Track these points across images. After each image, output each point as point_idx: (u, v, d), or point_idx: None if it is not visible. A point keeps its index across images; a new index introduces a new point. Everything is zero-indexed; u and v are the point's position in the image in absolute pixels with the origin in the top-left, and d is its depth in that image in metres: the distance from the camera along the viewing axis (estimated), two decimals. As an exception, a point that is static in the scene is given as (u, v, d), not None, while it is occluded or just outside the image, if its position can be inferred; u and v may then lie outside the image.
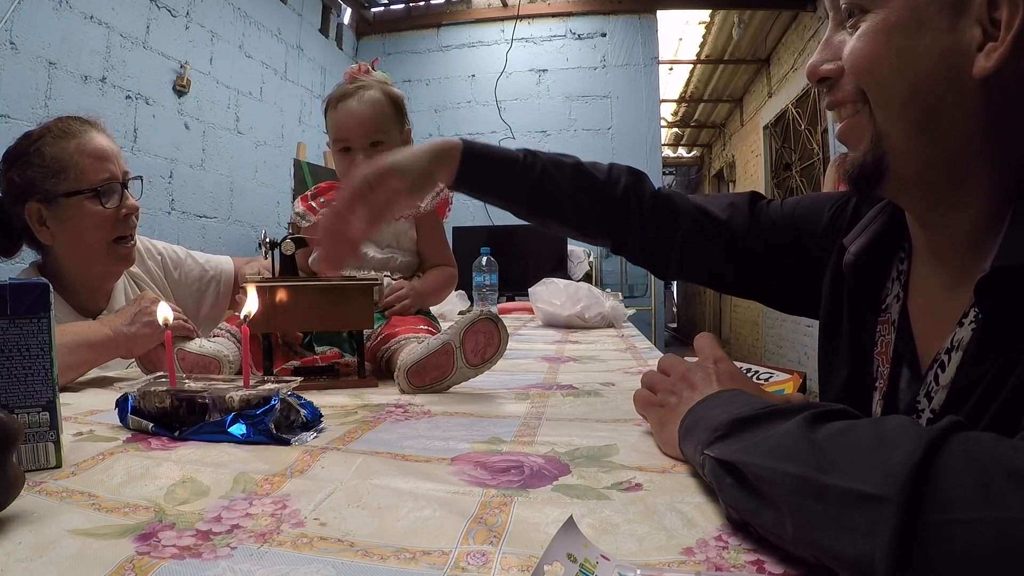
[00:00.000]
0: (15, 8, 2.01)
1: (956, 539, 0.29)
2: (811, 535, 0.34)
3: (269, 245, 0.96)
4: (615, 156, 4.29)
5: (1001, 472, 0.30)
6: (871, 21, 0.54)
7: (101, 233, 1.14)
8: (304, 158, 3.76)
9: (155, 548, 0.37)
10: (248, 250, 3.24)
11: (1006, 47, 0.49)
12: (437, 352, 0.85)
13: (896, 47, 0.53)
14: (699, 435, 0.47)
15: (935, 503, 0.30)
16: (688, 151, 8.86)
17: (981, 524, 0.29)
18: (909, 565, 0.30)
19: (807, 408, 0.41)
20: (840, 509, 0.33)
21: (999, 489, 0.29)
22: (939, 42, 0.51)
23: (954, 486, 0.30)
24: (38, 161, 1.10)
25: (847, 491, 0.33)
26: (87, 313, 1.19)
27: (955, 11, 0.50)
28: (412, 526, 0.41)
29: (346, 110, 1.14)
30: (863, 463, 0.33)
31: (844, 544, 0.32)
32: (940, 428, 0.33)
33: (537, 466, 0.53)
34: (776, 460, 0.37)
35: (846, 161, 0.59)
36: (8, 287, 0.50)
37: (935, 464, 0.31)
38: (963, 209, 0.54)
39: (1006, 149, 0.52)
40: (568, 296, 1.99)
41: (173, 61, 2.80)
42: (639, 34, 4.39)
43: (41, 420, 0.51)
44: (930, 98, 0.52)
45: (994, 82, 0.50)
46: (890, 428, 0.35)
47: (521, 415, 0.73)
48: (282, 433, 0.61)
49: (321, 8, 4.18)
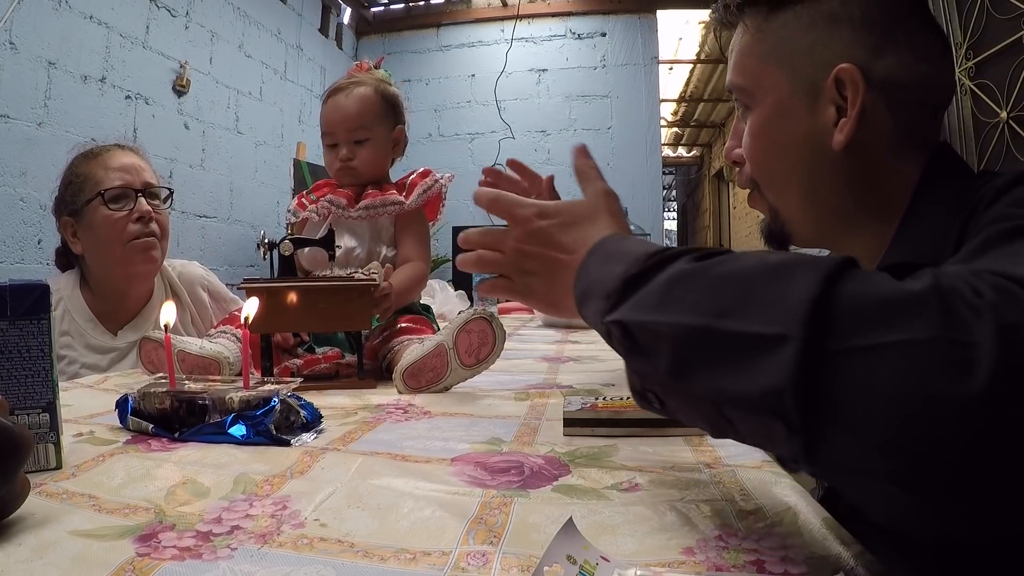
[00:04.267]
0: (15, 8, 2.01)
1: (862, 364, 0.29)
2: (713, 383, 0.34)
3: (268, 245, 0.96)
4: (615, 156, 4.31)
5: (899, 298, 0.30)
6: (752, 119, 0.66)
7: (113, 236, 1.20)
8: (304, 158, 3.76)
9: (155, 549, 0.37)
10: (248, 250, 3.24)
11: (852, 122, 0.59)
12: (431, 354, 0.85)
13: (771, 138, 0.64)
14: (595, 303, 0.45)
15: (838, 332, 0.30)
16: (688, 151, 8.86)
17: (885, 348, 0.29)
18: (818, 396, 0.30)
19: (690, 251, 0.40)
20: (744, 352, 0.33)
21: (898, 314, 0.29)
22: (803, 126, 0.62)
23: (854, 313, 0.30)
24: (70, 179, 1.23)
25: (750, 335, 0.32)
26: (115, 320, 1.27)
27: (811, 96, 0.61)
28: (412, 527, 0.41)
29: (334, 104, 1.14)
30: (760, 301, 0.33)
31: (750, 384, 0.32)
32: (834, 260, 0.33)
33: (537, 466, 0.53)
34: (668, 313, 0.37)
35: (762, 225, 0.71)
36: (8, 288, 0.50)
37: (834, 295, 0.31)
38: (861, 247, 0.63)
39: (880, 197, 0.61)
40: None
41: (173, 61, 2.80)
42: (639, 34, 4.38)
43: (41, 421, 0.51)
44: (805, 174, 0.63)
45: (852, 150, 0.60)
46: (781, 260, 0.35)
47: (521, 415, 0.73)
48: (282, 434, 0.61)
49: (321, 8, 4.18)
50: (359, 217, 1.11)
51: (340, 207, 1.11)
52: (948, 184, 0.59)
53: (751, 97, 0.65)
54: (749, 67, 0.65)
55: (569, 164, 0.62)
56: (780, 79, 0.63)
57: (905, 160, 0.61)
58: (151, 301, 1.29)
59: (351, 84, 1.14)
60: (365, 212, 1.11)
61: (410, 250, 1.15)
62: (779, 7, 0.63)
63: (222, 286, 1.45)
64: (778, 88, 0.63)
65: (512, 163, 0.85)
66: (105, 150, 1.25)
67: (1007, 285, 0.30)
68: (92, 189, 1.19)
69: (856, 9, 0.60)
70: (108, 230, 1.19)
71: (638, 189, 4.31)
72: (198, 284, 1.39)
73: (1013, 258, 0.38)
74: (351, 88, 1.13)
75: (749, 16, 0.65)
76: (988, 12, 1.62)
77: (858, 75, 0.58)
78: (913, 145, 0.61)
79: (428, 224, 1.19)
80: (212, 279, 1.43)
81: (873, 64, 0.59)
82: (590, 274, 0.49)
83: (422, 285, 1.16)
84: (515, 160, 0.85)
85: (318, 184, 1.21)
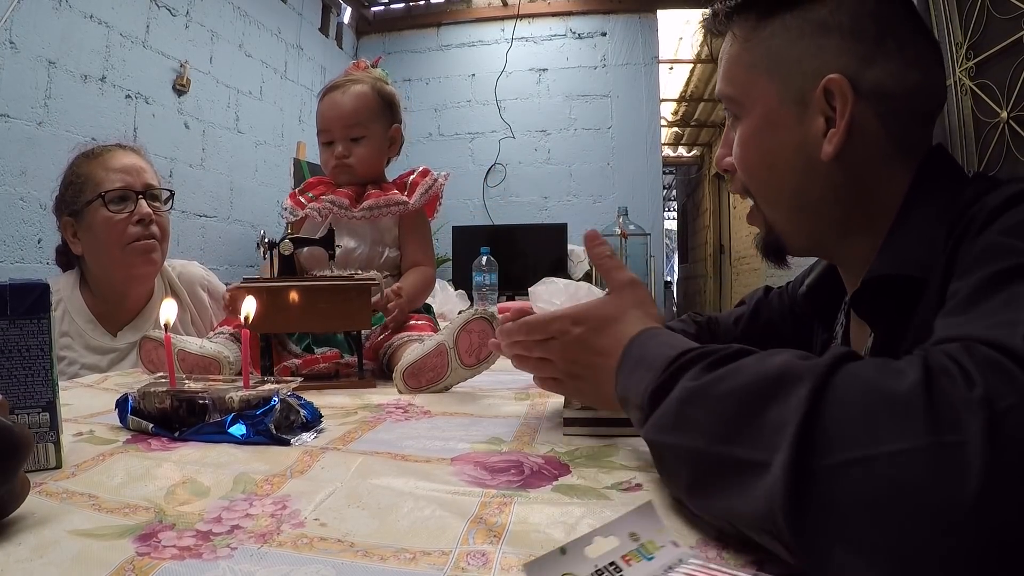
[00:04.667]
0: (15, 7, 2.01)
1: (851, 478, 0.29)
2: (723, 503, 0.36)
3: (268, 245, 0.96)
4: (615, 155, 4.31)
5: (885, 404, 0.30)
6: (741, 128, 0.66)
7: (113, 237, 1.19)
8: (304, 157, 3.75)
9: (155, 549, 0.37)
10: (248, 250, 3.24)
11: (841, 133, 0.59)
12: (431, 353, 0.85)
13: (760, 149, 0.64)
14: (634, 413, 0.47)
15: (825, 448, 0.31)
16: (688, 150, 8.85)
17: (874, 460, 0.29)
18: (809, 511, 0.30)
19: (705, 356, 0.42)
20: (743, 476, 0.34)
21: (886, 422, 0.30)
22: (792, 137, 0.62)
23: (842, 428, 0.31)
24: (71, 179, 1.22)
25: (742, 461, 0.34)
26: (114, 321, 1.26)
27: (800, 107, 0.61)
28: (412, 526, 0.41)
29: (330, 101, 1.13)
30: (754, 424, 0.34)
31: (750, 507, 0.33)
32: (824, 366, 0.34)
33: (537, 466, 0.53)
34: (684, 435, 0.39)
35: (757, 239, 0.72)
36: (8, 288, 0.50)
37: (821, 410, 0.32)
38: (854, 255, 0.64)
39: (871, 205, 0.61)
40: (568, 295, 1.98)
41: (173, 60, 2.79)
42: (639, 33, 4.38)
43: (41, 421, 0.51)
44: (795, 184, 0.63)
45: (841, 160, 0.60)
46: (774, 370, 0.35)
47: (521, 415, 0.73)
48: (282, 433, 0.61)
49: (321, 7, 4.17)
50: (362, 218, 1.11)
51: (342, 207, 1.10)
52: (936, 190, 0.59)
53: (740, 107, 0.65)
54: (738, 76, 0.65)
55: (569, 164, 0.63)
56: (769, 89, 0.62)
57: (896, 167, 0.61)
58: (151, 302, 1.29)
59: (348, 82, 1.13)
60: (368, 213, 1.10)
61: (416, 254, 1.15)
62: (768, 16, 0.62)
63: (222, 287, 1.45)
64: (767, 98, 0.63)
65: None
66: (107, 150, 1.24)
67: (999, 361, 0.31)
68: (93, 190, 1.19)
69: (846, 18, 0.59)
70: (108, 232, 1.19)
71: (638, 189, 4.31)
72: (198, 284, 1.39)
73: (1007, 311, 0.37)
74: (348, 86, 1.13)
75: (738, 25, 0.65)
76: (988, 12, 1.62)
77: (847, 86, 0.58)
78: (904, 152, 0.61)
79: (430, 223, 1.19)
80: (212, 279, 1.43)
81: (863, 74, 0.58)
82: (624, 383, 0.50)
83: (430, 289, 1.16)
84: None
85: (310, 182, 1.20)
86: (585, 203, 4.32)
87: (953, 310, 0.42)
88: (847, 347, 0.37)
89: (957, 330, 0.37)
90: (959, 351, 0.32)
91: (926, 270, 0.54)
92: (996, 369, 0.30)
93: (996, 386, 0.29)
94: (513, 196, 4.41)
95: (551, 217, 4.27)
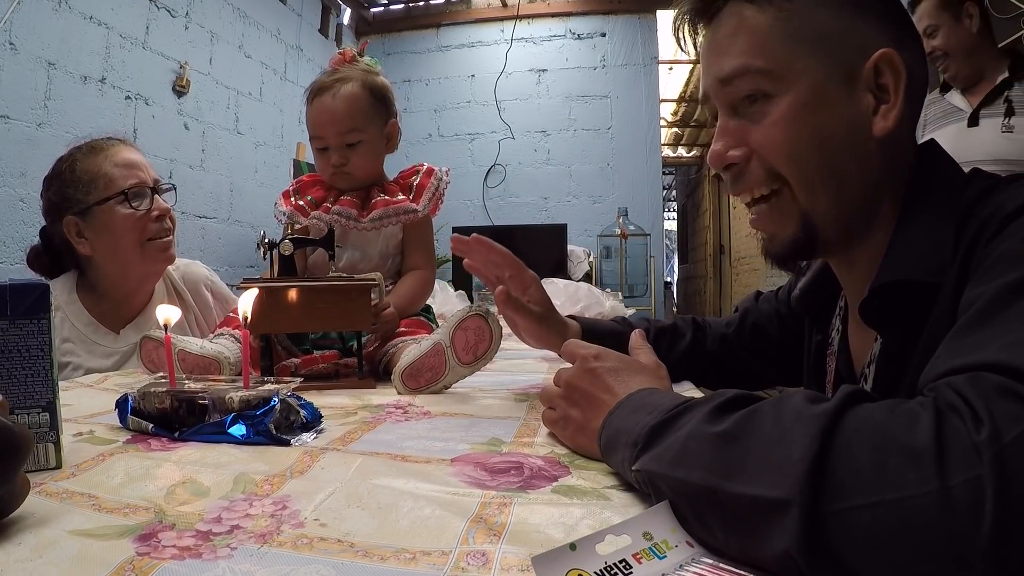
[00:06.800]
0: (15, 8, 2.01)
1: (861, 523, 0.29)
2: (729, 539, 0.35)
3: (268, 245, 0.96)
4: (615, 156, 4.31)
5: (895, 449, 0.31)
6: (779, 107, 0.59)
7: (133, 235, 1.17)
8: (303, 158, 3.76)
9: (155, 549, 0.37)
10: (248, 250, 3.24)
11: (900, 107, 0.58)
12: (428, 353, 0.85)
13: (810, 126, 0.59)
14: (622, 451, 0.46)
15: (835, 492, 0.31)
16: (688, 151, 8.85)
17: (882, 506, 0.29)
18: (825, 555, 0.30)
19: (711, 400, 0.41)
20: (750, 515, 0.33)
21: (895, 467, 0.30)
22: (844, 113, 0.59)
23: (851, 472, 0.31)
24: (70, 177, 1.17)
25: (753, 498, 0.33)
26: (116, 321, 1.23)
27: (849, 83, 0.58)
28: (412, 526, 0.41)
29: (320, 106, 1.07)
30: (764, 463, 0.34)
31: (763, 547, 0.33)
32: (834, 408, 0.34)
33: (537, 467, 0.53)
34: (683, 469, 0.38)
35: (771, 245, 0.65)
36: (8, 288, 0.50)
37: (831, 453, 0.32)
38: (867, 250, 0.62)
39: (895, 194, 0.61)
40: (568, 296, 1.99)
41: (172, 61, 2.80)
42: (639, 34, 4.38)
43: (41, 421, 0.51)
44: (842, 165, 0.59)
45: (885, 141, 0.58)
46: (788, 415, 0.35)
47: (521, 416, 0.73)
48: (282, 434, 0.61)
49: (320, 8, 4.18)
50: (371, 227, 1.08)
51: (351, 218, 1.07)
52: (936, 187, 0.59)
53: (778, 81, 0.59)
54: (773, 49, 0.59)
55: (569, 164, 0.63)
56: (814, 63, 0.58)
57: (912, 156, 0.62)
58: (152, 300, 1.28)
59: (336, 82, 1.07)
60: (378, 223, 1.07)
61: (417, 258, 1.13)
62: None
63: (225, 287, 1.44)
64: (813, 72, 0.58)
65: (477, 239, 0.88)
66: (109, 145, 1.20)
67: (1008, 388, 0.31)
68: (106, 187, 1.15)
69: (877, 2, 0.60)
70: (128, 229, 1.16)
71: (638, 189, 4.31)
72: (202, 284, 1.38)
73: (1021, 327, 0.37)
74: (336, 87, 1.06)
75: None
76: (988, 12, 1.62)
77: (899, 60, 0.57)
78: (912, 140, 0.62)
79: (432, 223, 1.17)
80: (215, 279, 1.42)
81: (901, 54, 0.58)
82: (617, 425, 0.49)
83: (427, 294, 1.14)
84: (480, 237, 0.88)
85: (304, 182, 1.15)
86: (585, 204, 4.33)
87: (967, 325, 0.42)
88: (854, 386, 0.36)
89: (969, 355, 0.37)
90: (967, 385, 0.33)
91: (938, 274, 0.53)
92: (1005, 396, 0.31)
93: (1003, 417, 0.29)
94: (513, 197, 4.42)
95: (551, 218, 4.27)
